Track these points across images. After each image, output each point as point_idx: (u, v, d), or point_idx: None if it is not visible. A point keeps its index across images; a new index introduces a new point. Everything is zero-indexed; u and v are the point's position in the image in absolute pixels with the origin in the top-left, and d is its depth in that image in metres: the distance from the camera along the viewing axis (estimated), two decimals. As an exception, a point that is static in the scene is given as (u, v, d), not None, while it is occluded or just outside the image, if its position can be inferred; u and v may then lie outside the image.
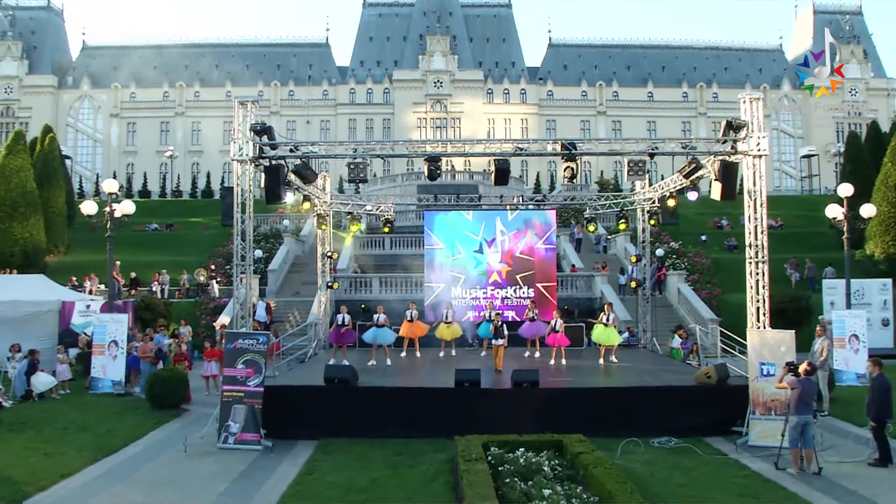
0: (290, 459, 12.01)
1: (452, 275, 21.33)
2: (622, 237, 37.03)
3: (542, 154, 15.02)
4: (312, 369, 17.30)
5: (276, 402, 13.21)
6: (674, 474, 10.82)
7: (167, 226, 44.16)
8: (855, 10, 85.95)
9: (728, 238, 42.35)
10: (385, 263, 34.00)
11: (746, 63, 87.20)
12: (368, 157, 13.74)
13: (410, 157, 14.74)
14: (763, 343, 13.26)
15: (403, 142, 15.30)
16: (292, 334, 23.59)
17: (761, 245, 13.60)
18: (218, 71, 79.88)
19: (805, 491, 10.14)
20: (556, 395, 13.61)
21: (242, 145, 13.20)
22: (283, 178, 13.44)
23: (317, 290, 27.72)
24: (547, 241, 21.41)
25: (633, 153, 13.80)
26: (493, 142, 14.89)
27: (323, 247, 21.09)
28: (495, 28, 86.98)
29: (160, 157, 75.00)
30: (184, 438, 12.77)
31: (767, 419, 12.94)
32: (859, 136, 44.71)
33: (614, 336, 17.90)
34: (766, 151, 13.36)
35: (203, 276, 30.66)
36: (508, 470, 10.05)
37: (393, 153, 14.85)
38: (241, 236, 13.74)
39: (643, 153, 13.73)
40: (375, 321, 18.27)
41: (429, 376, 16.51)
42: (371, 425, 13.29)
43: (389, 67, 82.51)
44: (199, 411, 15.78)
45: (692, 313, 28.07)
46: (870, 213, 20.76)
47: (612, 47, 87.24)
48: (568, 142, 13.58)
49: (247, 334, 13.49)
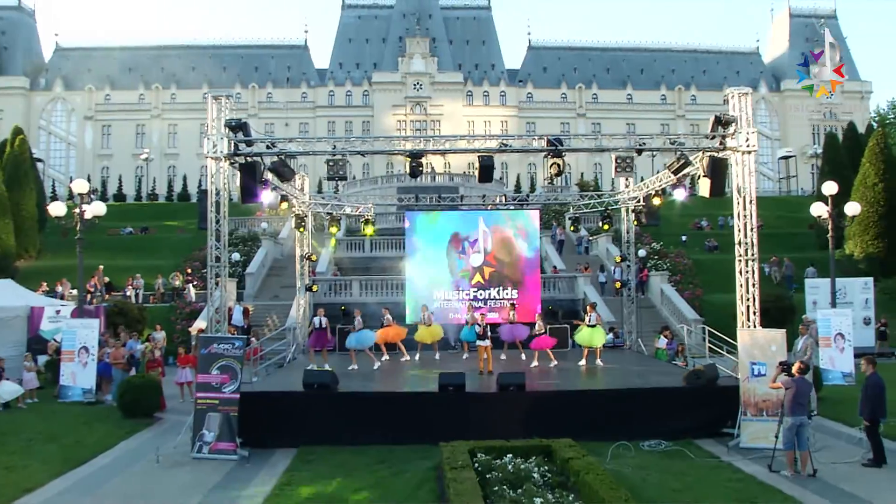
0: (267, 469, 11.49)
1: (434, 276, 20.89)
2: (604, 238, 36.87)
3: (528, 150, 14.67)
4: (291, 374, 16.78)
5: (253, 409, 12.67)
6: (667, 479, 10.47)
7: (142, 229, 43.34)
8: (830, 14, 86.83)
9: (708, 239, 42.45)
10: (364, 266, 33.59)
11: (724, 66, 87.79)
12: (348, 153, 13.27)
13: (391, 153, 14.29)
14: (754, 342, 12.98)
15: (384, 138, 14.85)
16: (270, 338, 23.01)
17: (751, 243, 13.32)
18: (194, 73, 78.76)
19: (802, 494, 9.84)
20: (544, 399, 13.21)
21: (217, 142, 12.67)
22: (259, 176, 12.93)
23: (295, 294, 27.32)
24: (530, 242, 21.05)
25: (620, 149, 13.49)
26: (477, 137, 14.49)
27: (302, 248, 20.55)
28: (475, 30, 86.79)
29: (136, 160, 73.79)
30: (156, 448, 12.20)
31: (759, 420, 12.66)
32: (837, 137, 45.11)
33: (598, 337, 17.49)
34: (755, 147, 13.12)
35: (178, 281, 29.97)
36: (497, 477, 9.63)
37: (374, 150, 14.34)
38: (216, 236, 13.20)
39: (630, 149, 13.42)
40: (354, 327, 17.72)
41: (411, 381, 16.06)
42: (352, 432, 12.80)
43: (369, 69, 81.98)
44: (173, 419, 15.19)
45: (675, 314, 27.92)
46: (854, 212, 20.66)
47: (591, 50, 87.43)
48: (554, 138, 13.24)
49: (222, 338, 12.95)
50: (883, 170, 35.29)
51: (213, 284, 13.35)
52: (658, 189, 17.71)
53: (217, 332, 13.36)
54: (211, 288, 13.39)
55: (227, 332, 14.30)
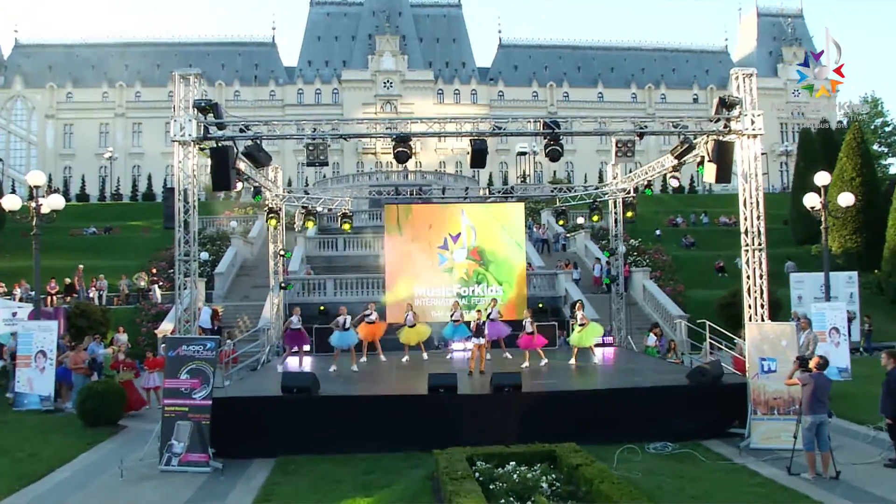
0: (244, 482, 10.42)
1: (415, 272, 19.93)
2: (581, 235, 36.39)
3: (523, 133, 13.80)
4: (266, 378, 15.69)
5: (227, 417, 11.59)
6: (683, 485, 9.66)
7: (106, 229, 41.66)
8: (796, 14, 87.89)
9: (685, 235, 42.17)
10: (338, 264, 32.60)
11: (693, 64, 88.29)
12: (328, 136, 12.28)
13: (375, 136, 13.35)
14: (763, 337, 12.28)
15: (368, 119, 13.86)
16: (242, 340, 21.87)
17: (757, 232, 12.60)
18: (160, 70, 76.57)
19: (830, 499, 9.11)
20: (542, 400, 12.32)
21: (184, 124, 11.57)
22: (232, 162, 11.86)
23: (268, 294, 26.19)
24: (515, 235, 20.21)
25: (620, 132, 12.69)
26: (469, 120, 13.55)
27: (275, 244, 19.43)
28: (445, 28, 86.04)
29: (99, 159, 71.55)
30: (120, 461, 11.00)
31: (771, 419, 11.96)
32: (812, 133, 45.12)
33: (588, 336, 16.61)
34: (761, 131, 12.41)
35: (144, 281, 28.58)
36: (501, 488, 8.73)
37: (357, 132, 13.37)
38: (184, 228, 12.06)
39: (631, 133, 12.63)
40: (337, 324, 16.63)
41: (398, 383, 15.10)
42: (336, 439, 11.77)
43: (338, 67, 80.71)
44: (139, 428, 14.00)
45: (658, 310, 27.40)
46: (848, 202, 20.17)
47: (562, 48, 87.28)
48: (550, 120, 12.41)
49: (191, 339, 11.85)
50: (860, 164, 35.24)
51: (181, 281, 12.23)
52: (649, 180, 16.99)
53: (186, 333, 12.24)
54: (179, 285, 12.27)
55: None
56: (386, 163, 76.77)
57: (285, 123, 13.20)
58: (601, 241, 36.31)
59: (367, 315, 16.94)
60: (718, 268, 35.36)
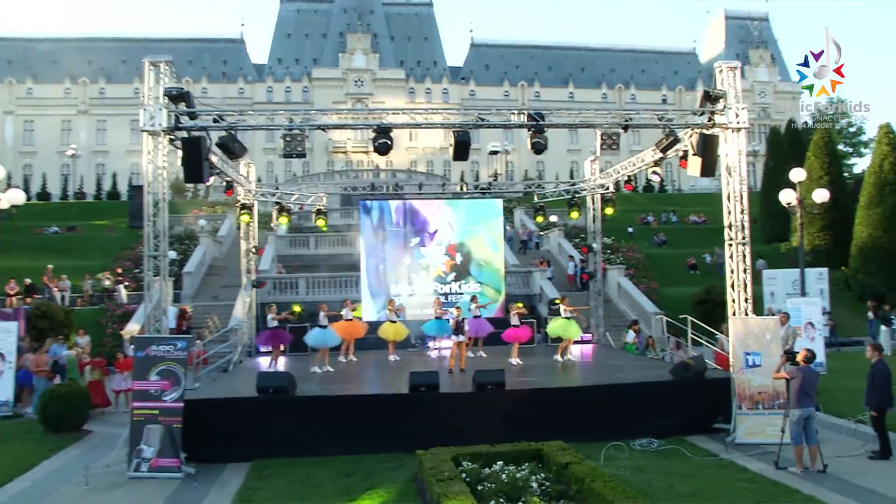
0: (218, 488, 9.96)
1: (392, 270, 19.55)
2: (555, 233, 36.31)
3: (507, 125, 13.52)
4: (239, 378, 15.23)
5: (199, 420, 11.09)
6: (673, 482, 9.47)
7: (69, 228, 40.45)
8: (762, 17, 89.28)
9: (657, 233, 42.39)
10: (310, 263, 32.09)
11: (662, 66, 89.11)
12: (306, 127, 11.87)
13: (356, 127, 12.98)
14: (747, 331, 12.17)
15: (347, 111, 13.46)
16: (212, 341, 21.26)
17: (741, 226, 12.48)
18: (125, 67, 74.94)
19: (821, 493, 8.98)
20: (526, 398, 12.06)
21: (154, 113, 11.05)
22: (205, 153, 11.38)
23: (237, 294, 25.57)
24: (494, 232, 19.93)
25: (605, 125, 12.47)
26: (452, 111, 13.24)
27: (247, 242, 18.90)
28: (417, 27, 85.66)
29: (61, 157, 69.70)
30: (85, 468, 10.41)
31: (756, 413, 11.85)
32: (780, 133, 45.71)
33: (573, 329, 16.38)
34: (745, 124, 12.29)
35: (108, 281, 27.71)
36: (490, 489, 8.43)
37: (336, 123, 12.98)
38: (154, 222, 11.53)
39: (616, 125, 12.43)
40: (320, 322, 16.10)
41: (377, 382, 14.71)
42: (313, 442, 11.36)
43: (308, 65, 79.83)
44: (105, 433, 13.43)
45: (633, 307, 27.35)
46: (823, 199, 20.28)
47: (533, 48, 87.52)
48: (535, 112, 12.16)
49: (161, 339, 11.34)
50: (828, 164, 35.76)
51: (150, 277, 11.71)
52: (630, 175, 16.85)
53: (156, 333, 11.73)
54: (148, 283, 11.75)
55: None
56: (356, 161, 76.24)
57: (260, 114, 12.74)
58: (574, 240, 36.32)
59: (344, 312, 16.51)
60: (690, 265, 35.60)
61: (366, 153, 76.87)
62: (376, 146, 11.72)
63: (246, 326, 19.47)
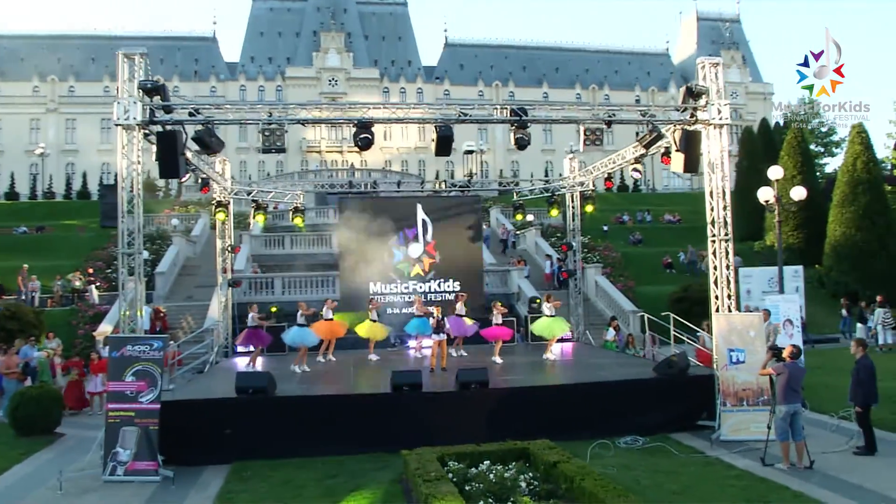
0: (197, 491, 9.68)
1: (370, 269, 19.28)
2: (531, 232, 36.31)
3: (490, 120, 13.35)
4: (215, 379, 14.87)
5: (176, 421, 10.78)
6: (660, 479, 9.38)
7: (38, 228, 39.55)
8: (734, 19, 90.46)
9: (632, 233, 42.61)
10: (285, 263, 31.72)
11: (636, 66, 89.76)
12: (286, 122, 11.60)
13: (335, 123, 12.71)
14: (731, 328, 12.16)
15: (328, 105, 13.21)
16: (187, 342, 20.83)
17: (723, 222, 12.47)
18: (94, 65, 73.62)
19: (809, 489, 8.96)
20: (509, 396, 11.93)
21: (129, 107, 10.71)
22: (180, 148, 11.07)
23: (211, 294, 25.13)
24: (473, 230, 19.79)
25: (589, 120, 12.40)
26: (435, 106, 13.08)
27: (223, 240, 18.52)
28: (391, 26, 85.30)
29: (30, 156, 68.10)
30: (59, 472, 10.04)
31: (740, 410, 11.84)
32: (754, 133, 46.23)
33: (559, 327, 16.26)
34: (727, 120, 12.31)
35: (79, 281, 27.08)
36: (478, 489, 8.28)
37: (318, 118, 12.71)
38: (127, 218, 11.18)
39: (600, 121, 12.36)
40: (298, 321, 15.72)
41: (357, 382, 14.45)
42: (294, 443, 11.12)
43: (282, 64, 79.03)
44: (79, 436, 13.04)
45: (611, 306, 27.41)
46: (800, 196, 20.43)
47: (507, 48, 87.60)
48: (518, 107, 12.05)
49: (137, 338, 11.01)
50: (801, 163, 36.19)
51: (125, 276, 11.37)
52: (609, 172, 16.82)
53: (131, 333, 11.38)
54: (123, 280, 11.40)
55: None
56: (331, 161, 75.62)
57: (238, 108, 12.43)
58: (550, 239, 36.36)
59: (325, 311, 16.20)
60: (666, 264, 35.82)
61: (340, 153, 76.39)
62: (357, 141, 11.49)
63: (222, 327, 19.06)
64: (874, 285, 28.69)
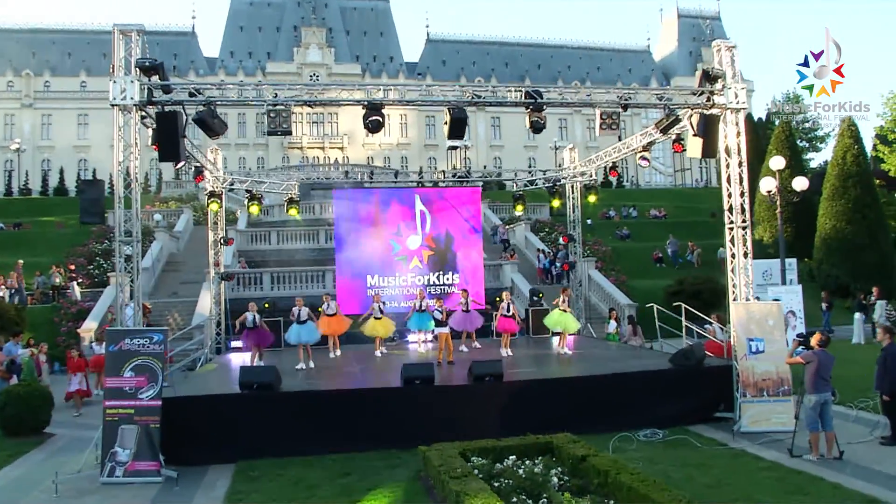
0: (204, 493, 9.13)
1: (368, 261, 18.80)
2: (521, 227, 36.01)
3: (503, 103, 12.95)
4: (211, 377, 14.30)
5: (177, 418, 10.23)
6: (690, 473, 9.02)
7: (15, 225, 38.47)
8: (714, 16, 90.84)
9: (619, 228, 42.48)
10: (273, 258, 31.14)
11: (617, 63, 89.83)
12: (292, 103, 11.09)
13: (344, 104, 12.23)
14: (749, 317, 11.84)
15: (336, 86, 12.68)
16: (176, 339, 20.14)
17: (741, 208, 12.16)
18: (71, 59, 72.14)
19: (846, 480, 8.64)
20: (526, 389, 11.50)
21: (125, 86, 10.12)
22: (181, 130, 10.49)
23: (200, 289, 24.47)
24: (472, 221, 19.37)
25: (605, 104, 12.03)
26: (446, 87, 12.63)
27: (215, 232, 17.90)
28: (373, 22, 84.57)
29: (5, 152, 66.46)
30: (54, 474, 9.42)
31: (760, 401, 11.52)
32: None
33: (572, 322, 15.83)
34: (745, 105, 11.99)
35: (59, 278, 26.22)
36: (508, 485, 7.86)
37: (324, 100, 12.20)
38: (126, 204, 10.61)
39: (616, 104, 12.00)
40: (296, 317, 15.12)
41: (365, 377, 13.92)
42: (301, 440, 10.59)
43: (262, 59, 77.92)
44: (70, 436, 12.40)
45: (605, 299, 27.16)
46: (802, 187, 20.26)
47: (489, 44, 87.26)
48: (533, 90, 11.65)
49: (136, 331, 10.43)
50: (789, 157, 36.11)
51: (121, 263, 10.78)
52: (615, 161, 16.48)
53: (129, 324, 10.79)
54: (120, 267, 10.82)
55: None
56: (312, 157, 74.79)
57: (242, 88, 11.88)
58: (539, 234, 36.10)
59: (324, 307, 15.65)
60: (657, 258, 35.68)
61: (321, 149, 75.59)
62: (367, 123, 11.02)
63: (214, 323, 18.43)
64: (864, 278, 28.73)
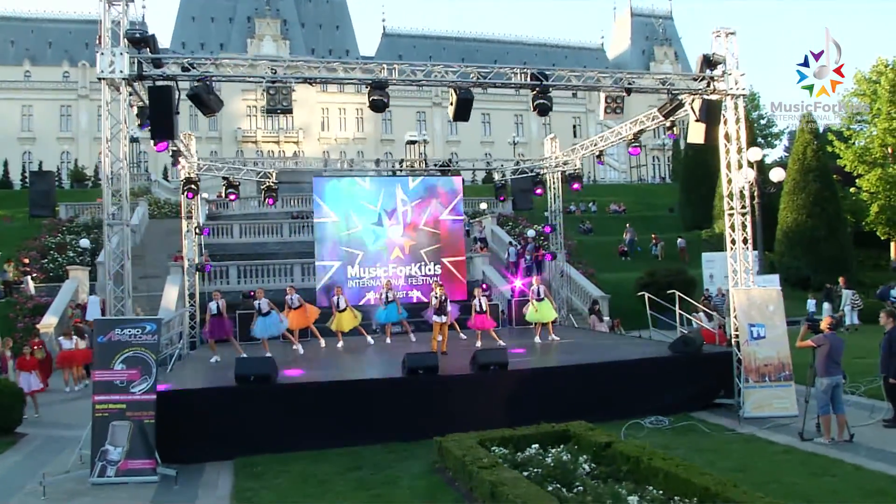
0: (206, 492, 8.57)
1: (347, 251, 18.31)
2: (488, 220, 35.89)
3: (508, 84, 12.59)
4: (195, 371, 13.64)
5: (170, 414, 9.62)
6: (711, 458, 8.89)
7: (-44, 219, 36.54)
8: (666, 15, 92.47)
9: (582, 222, 42.81)
10: (236, 252, 30.22)
11: (572, 60, 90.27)
12: (292, 80, 10.59)
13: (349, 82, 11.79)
14: (750, 303, 11.85)
15: (340, 61, 12.15)
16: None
17: (741, 194, 12.14)
18: (14, 48, 69.05)
19: (864, 462, 8.64)
20: (531, 378, 11.25)
21: (114, 59, 9.46)
22: (175, 106, 9.87)
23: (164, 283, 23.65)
24: (454, 212, 19.05)
25: (609, 88, 11.84)
26: (450, 67, 12.24)
27: (189, 221, 17.16)
28: (328, 14, 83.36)
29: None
30: (38, 476, 8.76)
31: (762, 386, 11.53)
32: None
33: (549, 311, 15.71)
34: (745, 91, 11.97)
35: (11, 272, 24.94)
36: (538, 474, 7.56)
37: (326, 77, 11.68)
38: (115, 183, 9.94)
39: (619, 88, 11.82)
40: (258, 309, 14.68)
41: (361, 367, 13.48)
42: (302, 434, 10.09)
43: (215, 50, 75.64)
44: (45, 435, 11.64)
45: (576, 292, 27.15)
46: (780, 178, 20.56)
47: (446, 39, 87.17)
48: (538, 71, 11.37)
49: (126, 321, 9.76)
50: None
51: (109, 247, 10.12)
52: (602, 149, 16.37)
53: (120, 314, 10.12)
54: (108, 249, 10.15)
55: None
56: (267, 151, 73.44)
57: (238, 63, 11.28)
58: (505, 227, 36.04)
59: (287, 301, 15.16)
60: (622, 251, 36.02)
61: (276, 143, 74.29)
62: (372, 102, 10.60)
63: (187, 316, 17.68)
64: (824, 270, 29.47)
